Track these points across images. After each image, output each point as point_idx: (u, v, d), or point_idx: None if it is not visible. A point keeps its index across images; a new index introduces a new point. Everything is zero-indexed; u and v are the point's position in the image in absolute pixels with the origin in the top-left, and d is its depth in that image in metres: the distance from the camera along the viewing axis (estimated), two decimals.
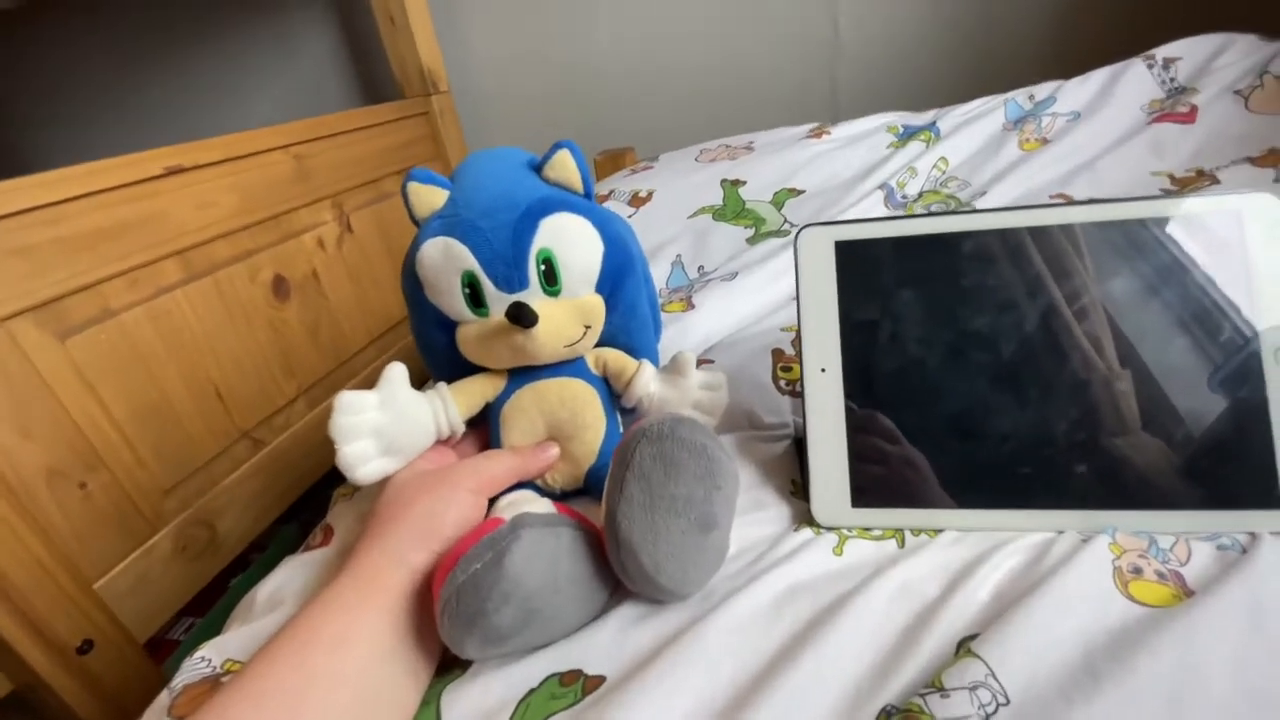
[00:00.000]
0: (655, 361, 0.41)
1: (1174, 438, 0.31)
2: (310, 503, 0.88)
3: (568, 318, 0.35)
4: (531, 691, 0.27)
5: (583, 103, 1.15)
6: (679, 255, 0.63)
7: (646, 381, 0.38)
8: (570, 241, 0.35)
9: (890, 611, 0.27)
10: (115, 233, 0.63)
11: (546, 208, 0.34)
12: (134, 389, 0.64)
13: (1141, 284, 0.32)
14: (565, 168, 0.36)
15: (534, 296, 0.34)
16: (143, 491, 0.65)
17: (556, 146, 0.36)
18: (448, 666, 0.30)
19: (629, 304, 0.38)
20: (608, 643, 0.28)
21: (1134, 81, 0.67)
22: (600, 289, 0.36)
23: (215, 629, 0.35)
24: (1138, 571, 0.27)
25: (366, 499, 0.41)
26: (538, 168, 0.37)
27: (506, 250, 0.33)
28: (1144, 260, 0.32)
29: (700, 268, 0.61)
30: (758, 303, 0.54)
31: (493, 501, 0.35)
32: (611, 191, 0.73)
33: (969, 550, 0.30)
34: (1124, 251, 0.32)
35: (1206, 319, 0.31)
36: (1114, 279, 0.32)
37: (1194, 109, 0.62)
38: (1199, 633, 0.23)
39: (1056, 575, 0.27)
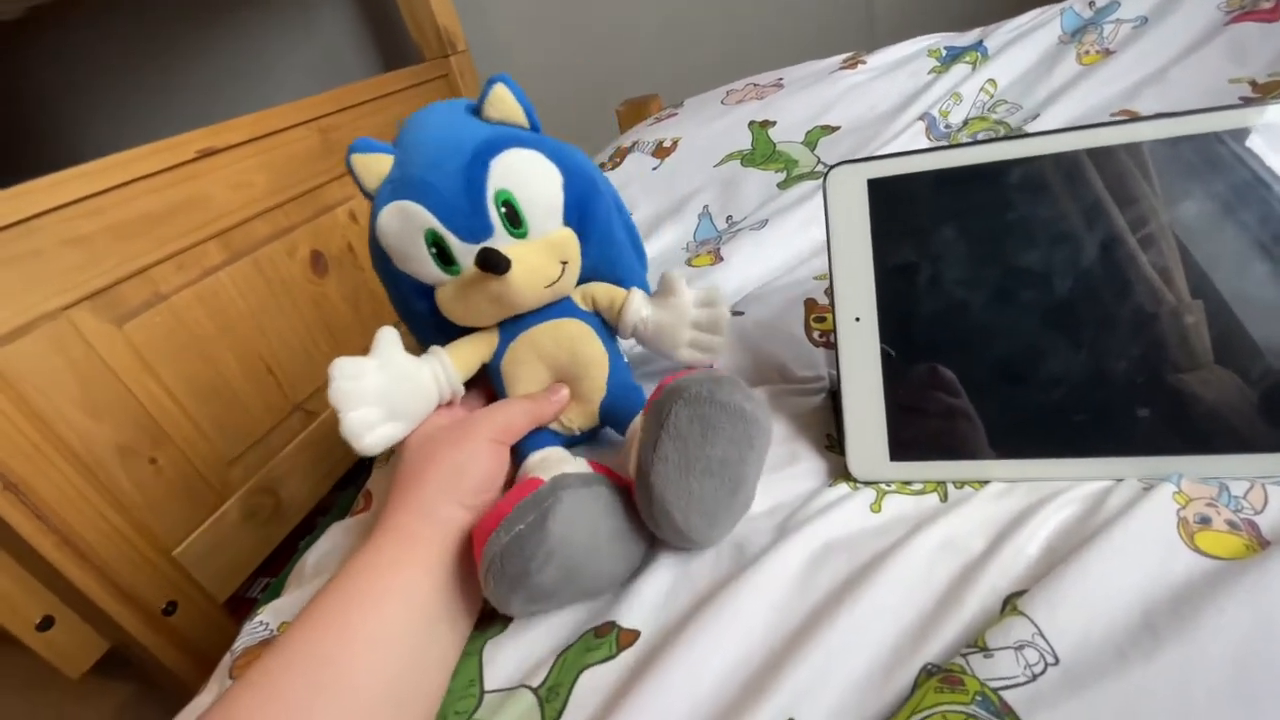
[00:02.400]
0: (645, 287, 0.39)
1: (1250, 372, 0.28)
2: (367, 468, 0.91)
3: (541, 257, 0.33)
4: (569, 646, 0.28)
5: (603, 52, 1.10)
6: (706, 206, 0.61)
7: (638, 307, 0.37)
8: (526, 177, 0.33)
9: (931, 568, 0.26)
10: (159, 218, 0.65)
11: (494, 147, 0.32)
12: (191, 368, 0.67)
13: (1218, 206, 0.29)
14: (504, 102, 0.34)
15: (501, 241, 0.32)
16: (208, 464, 0.68)
17: (490, 82, 0.34)
18: (488, 620, 0.31)
19: (602, 232, 0.36)
20: (642, 598, 0.28)
21: None
22: (569, 220, 0.35)
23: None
24: (1206, 521, 0.25)
25: (397, 462, 0.42)
26: (476, 110, 0.35)
27: (461, 199, 0.32)
28: (1220, 179, 0.29)
29: (729, 218, 0.59)
30: (790, 251, 0.52)
31: (516, 452, 0.35)
32: (635, 143, 0.71)
33: (1017, 502, 0.29)
34: (1197, 170, 0.29)
35: None
36: (1186, 201, 0.29)
37: (1279, 4, 0.55)
38: (1274, 585, 0.21)
39: (1114, 528, 0.25)
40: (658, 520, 0.28)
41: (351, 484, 0.96)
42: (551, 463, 0.33)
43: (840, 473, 0.33)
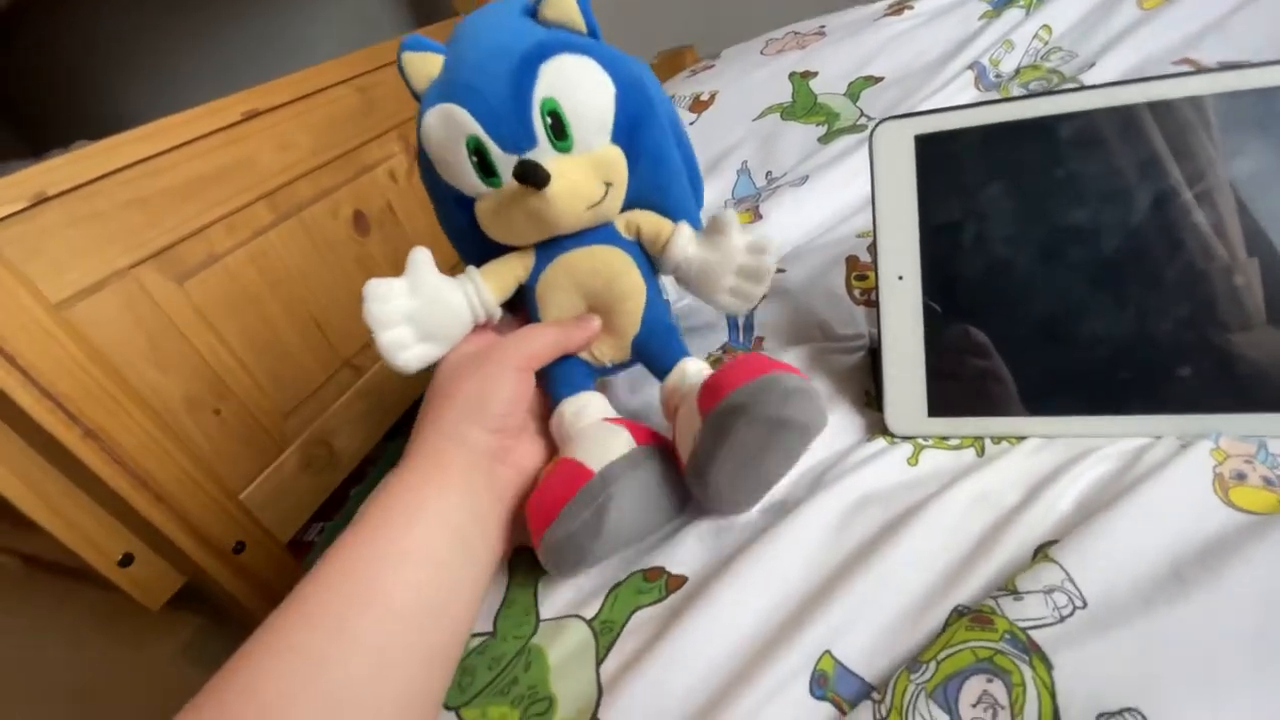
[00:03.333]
0: (696, 223, 0.37)
1: None
2: (413, 420, 0.96)
3: (584, 175, 0.31)
4: (619, 584, 0.30)
5: (636, 1, 1.07)
6: (745, 162, 0.60)
7: (684, 244, 0.35)
8: (576, 86, 0.31)
9: (965, 519, 0.27)
10: (212, 179, 0.67)
11: (545, 51, 0.31)
12: (246, 325, 0.70)
13: (1278, 161, 0.28)
14: (562, 4, 0.32)
15: (544, 154, 0.31)
16: (267, 415, 0.72)
17: None
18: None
19: (654, 153, 0.34)
20: (688, 546, 0.30)
21: None
22: (617, 139, 0.32)
23: (342, 530, 0.39)
24: (1241, 477, 0.26)
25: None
26: (532, 11, 0.33)
27: (506, 105, 0.30)
28: (1248, 139, 0.28)
29: (768, 174, 0.59)
30: (831, 208, 0.51)
31: (546, 380, 0.35)
32: (673, 96, 0.70)
33: (1053, 458, 0.29)
34: (1259, 124, 0.28)
35: None
36: (1244, 156, 0.28)
37: None
38: None
39: (1148, 483, 0.26)
40: (710, 503, 0.31)
41: (400, 434, 1.01)
42: (584, 413, 0.33)
43: (878, 428, 0.34)
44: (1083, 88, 0.33)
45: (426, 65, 0.33)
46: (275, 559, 0.73)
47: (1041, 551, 0.25)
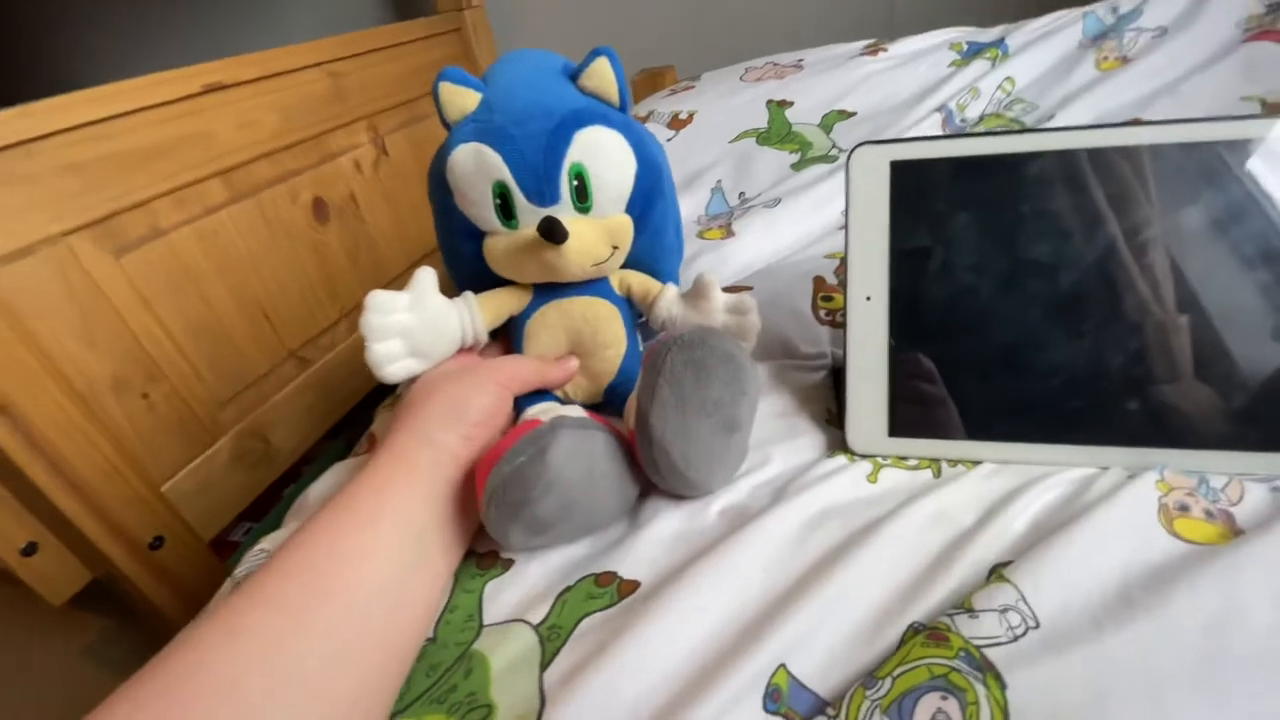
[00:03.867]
0: (677, 282, 0.41)
1: (1227, 387, 0.29)
2: (355, 422, 0.92)
3: (597, 237, 0.34)
4: (569, 589, 0.29)
5: (621, 17, 1.09)
6: (719, 181, 0.61)
7: (669, 304, 0.38)
8: (604, 158, 0.34)
9: (923, 537, 0.27)
10: (162, 150, 0.64)
11: (581, 119, 0.33)
12: (187, 306, 0.66)
13: (1212, 220, 0.30)
14: (603, 77, 0.35)
15: (565, 212, 0.34)
16: (201, 403, 0.68)
17: (594, 54, 0.35)
18: (489, 562, 0.32)
19: (657, 227, 0.38)
20: (643, 552, 0.30)
21: None
22: (630, 210, 0.36)
23: (270, 532, 0.37)
24: (1185, 509, 0.26)
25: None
26: (574, 75, 0.35)
27: (539, 161, 0.33)
28: (1218, 192, 0.29)
29: (741, 194, 0.59)
30: (801, 231, 0.52)
31: (516, 408, 0.36)
32: (650, 113, 0.71)
33: (1007, 482, 0.30)
34: (1198, 182, 0.30)
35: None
36: (1183, 213, 0.30)
37: None
38: (1244, 569, 0.23)
39: (1098, 509, 0.26)
40: (657, 460, 0.30)
41: (343, 434, 0.96)
42: (550, 411, 0.34)
43: (839, 445, 0.34)
44: (1050, 129, 0.34)
45: (463, 99, 0.35)
46: (195, 557, 0.68)
47: (996, 571, 0.25)
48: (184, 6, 1.20)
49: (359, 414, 0.89)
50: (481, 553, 0.32)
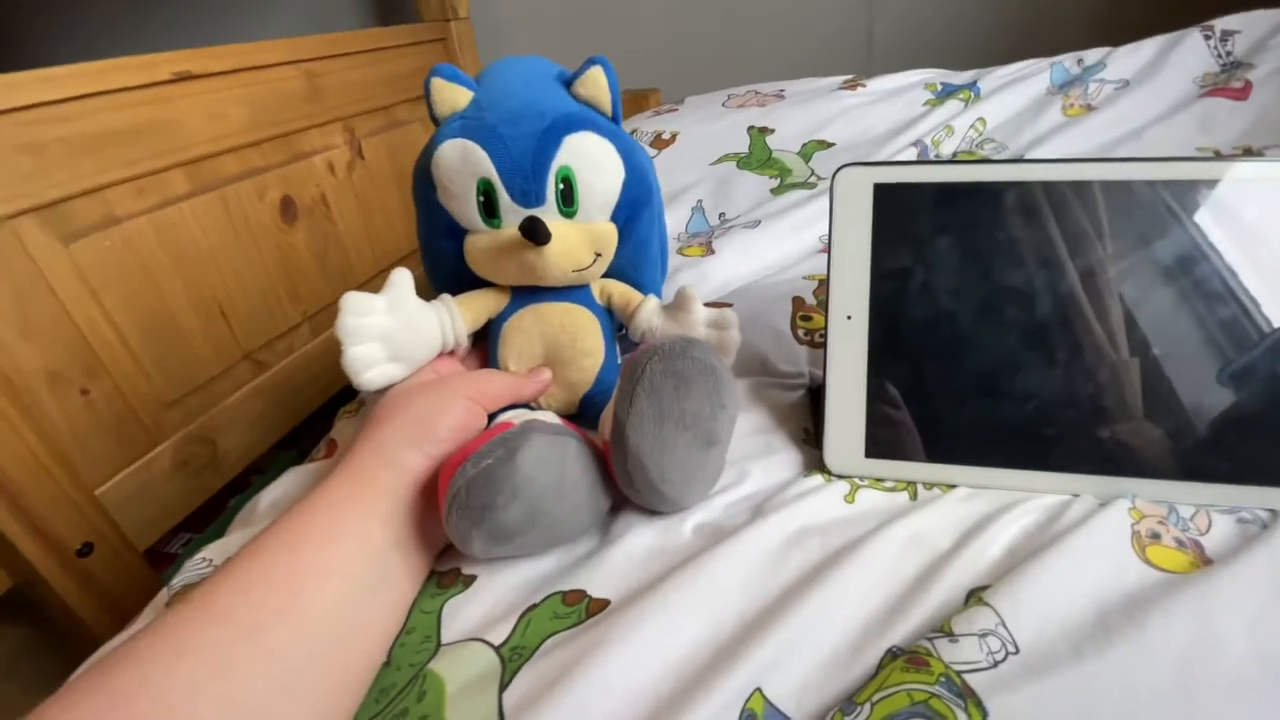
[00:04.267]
0: (659, 296, 0.40)
1: (1174, 427, 0.30)
2: (310, 430, 0.88)
3: (580, 241, 0.34)
4: (534, 607, 0.27)
5: (608, 40, 1.10)
6: (700, 200, 0.61)
7: (650, 315, 0.37)
8: (593, 163, 0.33)
9: (900, 559, 0.27)
10: (123, 137, 0.61)
11: (572, 124, 0.33)
12: (137, 299, 0.63)
13: (1167, 259, 0.30)
14: (596, 85, 0.35)
15: (549, 214, 0.33)
16: (144, 402, 0.64)
17: (590, 62, 0.35)
18: (450, 580, 0.30)
19: (641, 238, 0.37)
20: (614, 569, 0.28)
21: (1189, 52, 0.64)
22: (615, 218, 0.35)
23: (211, 544, 0.35)
24: (1156, 537, 0.27)
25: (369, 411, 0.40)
26: (568, 82, 0.35)
27: (526, 162, 0.32)
28: (1177, 236, 0.30)
29: (721, 215, 0.60)
30: (780, 253, 0.52)
31: (492, 418, 0.34)
32: (634, 131, 0.71)
33: (983, 506, 0.30)
34: (1155, 219, 0.31)
35: (1232, 305, 0.30)
36: (1140, 251, 0.31)
37: (1248, 85, 0.60)
38: (1217, 597, 0.23)
39: (1072, 535, 0.26)
40: (631, 473, 0.28)
41: (294, 445, 0.92)
42: (523, 416, 0.33)
43: (816, 465, 0.33)
44: (1027, 160, 0.35)
45: (454, 95, 0.34)
46: (126, 567, 0.63)
47: (974, 595, 0.25)
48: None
49: (313, 423, 0.86)
50: (442, 571, 0.30)
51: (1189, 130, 0.58)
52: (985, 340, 0.33)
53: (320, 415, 0.85)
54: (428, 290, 0.37)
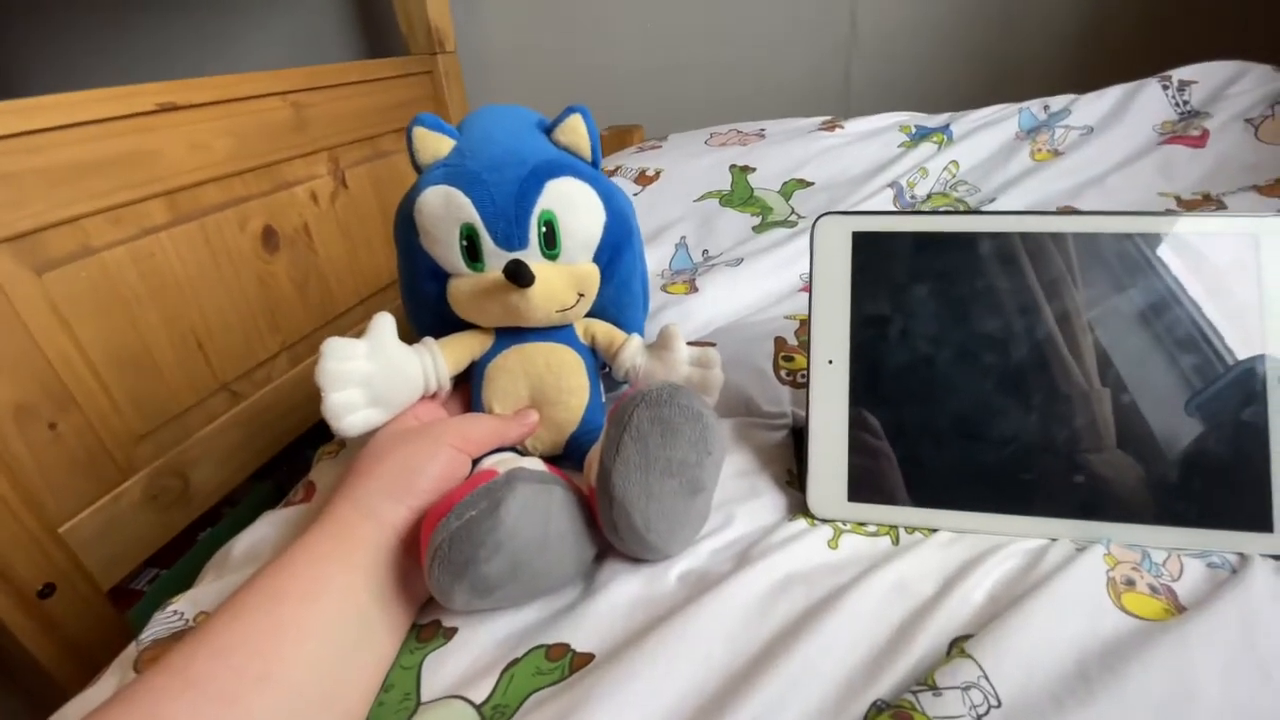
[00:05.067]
0: (641, 334, 0.41)
1: (1146, 457, 0.31)
2: (286, 461, 0.86)
3: (563, 283, 0.35)
4: (516, 661, 0.27)
5: (592, 76, 1.12)
6: (683, 237, 0.62)
7: (634, 353, 0.38)
8: (574, 207, 0.34)
9: (884, 608, 0.27)
10: (100, 167, 0.61)
11: (554, 169, 0.34)
12: (112, 331, 0.62)
13: (1134, 301, 0.32)
14: (576, 132, 0.36)
15: (532, 257, 0.34)
16: (115, 436, 0.63)
17: (569, 110, 0.36)
18: (430, 633, 0.29)
19: (623, 279, 0.38)
20: (598, 620, 0.28)
21: (1148, 101, 0.67)
22: (598, 259, 0.36)
23: (180, 581, 0.34)
24: (1131, 584, 0.27)
25: (350, 457, 0.40)
26: (548, 129, 0.37)
27: (509, 207, 0.33)
28: (1141, 276, 0.32)
29: (705, 251, 0.60)
30: (762, 290, 0.53)
31: (476, 462, 0.34)
32: (618, 168, 0.72)
33: (964, 552, 0.30)
34: (1123, 266, 0.32)
35: (1196, 341, 0.31)
36: (1108, 294, 0.32)
37: (1205, 133, 0.63)
38: (1190, 647, 0.23)
39: (1051, 582, 0.27)
40: (616, 522, 0.28)
41: (268, 477, 0.90)
42: (508, 463, 0.33)
43: (799, 508, 0.34)
44: (1000, 212, 0.36)
45: (436, 144, 0.35)
46: (89, 609, 0.61)
47: (957, 645, 0.25)
48: (142, 26, 1.17)
49: (290, 454, 0.84)
50: (423, 624, 0.30)
51: (1151, 175, 0.60)
52: (963, 385, 0.33)
53: (297, 447, 0.83)
54: (409, 332, 0.37)
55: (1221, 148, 0.61)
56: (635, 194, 0.68)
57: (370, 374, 0.33)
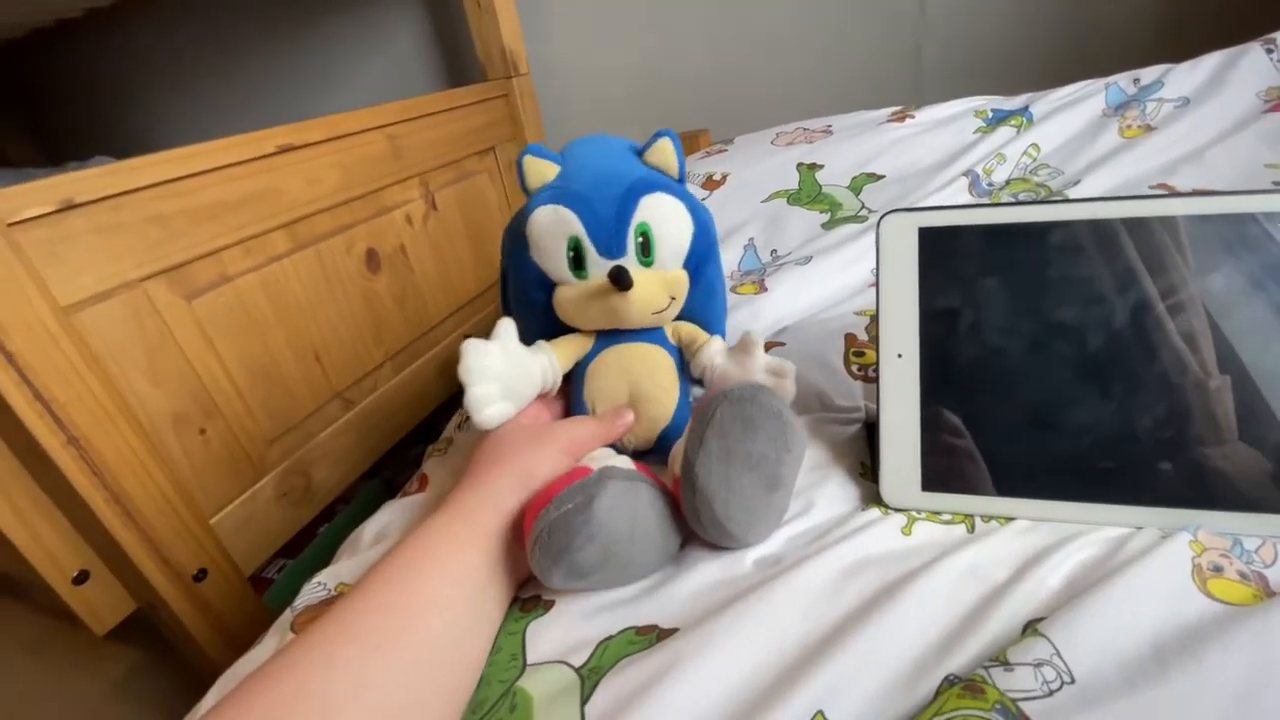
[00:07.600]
0: (723, 337, 0.44)
1: (1274, 449, 0.30)
2: (392, 461, 0.94)
3: (658, 287, 0.38)
4: (610, 638, 0.30)
5: (659, 84, 1.15)
6: (751, 238, 0.64)
7: (714, 353, 0.41)
8: (666, 219, 0.38)
9: (957, 590, 0.28)
10: (234, 205, 0.69)
11: (648, 187, 0.38)
12: (246, 348, 0.70)
13: (1250, 283, 0.31)
14: (665, 153, 0.40)
15: (630, 264, 0.38)
16: (251, 440, 0.71)
17: (658, 135, 0.40)
18: (532, 605, 0.33)
19: (709, 284, 0.42)
20: (682, 601, 0.31)
21: (1250, 68, 0.62)
22: (686, 265, 0.40)
23: (306, 568, 0.39)
24: (1218, 570, 0.27)
25: (456, 455, 0.44)
26: (639, 152, 0.41)
27: (610, 220, 0.37)
28: (1254, 258, 0.31)
29: (773, 251, 0.62)
30: (831, 288, 0.54)
31: None
32: (687, 174, 0.74)
33: (1041, 539, 0.30)
34: (1232, 248, 0.31)
35: None
36: (1219, 277, 0.31)
37: None
38: (1276, 628, 0.23)
39: (1131, 568, 0.27)
40: (699, 510, 0.31)
41: (375, 475, 0.99)
42: (601, 459, 0.36)
43: (873, 499, 0.35)
44: (1070, 199, 0.36)
45: (543, 170, 0.40)
46: (235, 591, 0.70)
47: (1031, 626, 0.26)
48: (261, 75, 1.30)
49: (395, 455, 0.92)
50: (525, 597, 0.34)
51: (1255, 146, 0.56)
52: (1039, 375, 0.33)
53: (400, 448, 0.91)
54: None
55: None
56: (703, 199, 0.70)
57: (502, 370, 0.37)
